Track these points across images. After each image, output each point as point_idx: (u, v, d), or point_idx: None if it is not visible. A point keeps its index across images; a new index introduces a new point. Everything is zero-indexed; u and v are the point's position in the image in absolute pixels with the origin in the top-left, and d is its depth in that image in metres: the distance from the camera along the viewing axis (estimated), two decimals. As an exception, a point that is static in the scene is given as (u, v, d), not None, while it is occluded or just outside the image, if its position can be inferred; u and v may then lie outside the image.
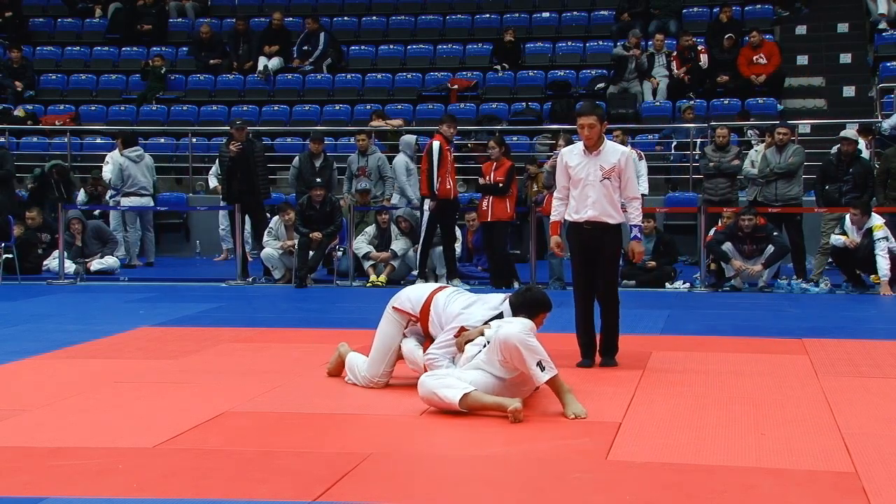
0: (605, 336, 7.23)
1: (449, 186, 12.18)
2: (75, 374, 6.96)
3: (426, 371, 6.00)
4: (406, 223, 12.90)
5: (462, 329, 6.04)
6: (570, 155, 7.23)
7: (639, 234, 7.36)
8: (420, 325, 6.27)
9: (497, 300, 6.26)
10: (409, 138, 14.24)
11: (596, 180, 7.07)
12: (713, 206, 13.11)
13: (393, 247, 12.75)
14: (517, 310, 6.08)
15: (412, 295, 6.35)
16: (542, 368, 5.55)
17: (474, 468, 4.73)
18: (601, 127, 7.12)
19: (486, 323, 6.00)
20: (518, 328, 5.65)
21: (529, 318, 5.91)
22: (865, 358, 7.49)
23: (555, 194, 7.43)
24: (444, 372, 5.87)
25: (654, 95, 18.16)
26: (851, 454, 4.86)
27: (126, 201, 15.10)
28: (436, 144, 12.09)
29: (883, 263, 11.37)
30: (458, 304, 6.21)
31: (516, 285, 12.01)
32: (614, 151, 7.18)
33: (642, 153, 14.80)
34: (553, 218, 7.38)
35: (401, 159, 13.89)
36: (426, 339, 6.29)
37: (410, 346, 6.31)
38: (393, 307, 6.36)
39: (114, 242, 14.48)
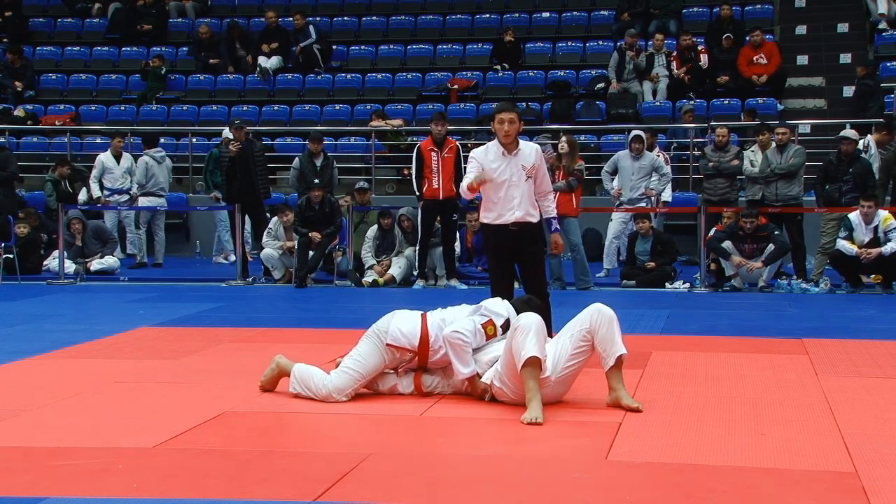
0: None
1: (437, 187, 12.17)
2: (75, 374, 6.96)
3: (453, 346, 5.91)
4: (409, 222, 12.92)
5: (491, 321, 5.99)
6: (485, 156, 7.04)
7: (558, 227, 7.46)
8: (417, 360, 6.05)
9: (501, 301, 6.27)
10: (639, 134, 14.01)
11: (521, 180, 7.03)
12: (713, 206, 13.11)
13: (391, 271, 12.75)
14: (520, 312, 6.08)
15: (404, 328, 5.97)
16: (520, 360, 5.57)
17: (474, 468, 4.73)
18: (519, 125, 7.07)
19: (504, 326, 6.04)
20: (536, 318, 5.68)
21: None
22: (865, 358, 7.49)
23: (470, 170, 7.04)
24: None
25: (654, 94, 18.17)
26: (851, 454, 4.86)
27: (144, 200, 15.15)
28: (419, 146, 12.32)
29: None
30: (463, 308, 6.18)
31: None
32: (530, 150, 7.14)
33: (667, 157, 14.81)
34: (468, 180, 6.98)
35: None
36: (418, 372, 6.13)
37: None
38: (387, 344, 5.95)
39: (114, 242, 14.49)
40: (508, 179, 7.02)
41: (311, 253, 12.71)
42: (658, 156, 14.21)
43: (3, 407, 5.92)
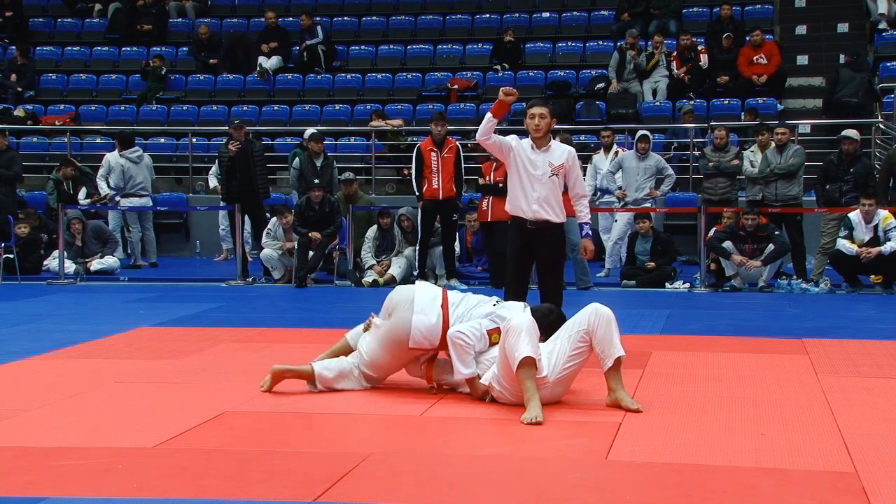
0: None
1: (436, 187, 12.18)
2: (75, 374, 6.95)
3: (455, 346, 5.91)
4: (408, 222, 12.93)
5: (498, 329, 5.93)
6: (520, 143, 7.15)
7: (590, 232, 7.44)
8: (441, 354, 6.15)
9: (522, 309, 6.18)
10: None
11: (545, 176, 7.09)
12: (713, 206, 13.11)
13: (391, 271, 12.75)
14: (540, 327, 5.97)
15: (424, 329, 5.99)
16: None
17: (474, 468, 4.73)
18: (550, 122, 7.13)
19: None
20: (527, 317, 5.69)
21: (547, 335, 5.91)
22: (865, 358, 7.49)
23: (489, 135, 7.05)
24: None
25: (654, 94, 18.16)
26: (851, 454, 4.86)
27: (126, 202, 15.12)
28: (419, 147, 12.35)
29: None
30: (484, 304, 6.12)
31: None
32: (561, 150, 7.20)
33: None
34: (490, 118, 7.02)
35: None
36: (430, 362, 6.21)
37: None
38: (410, 349, 6.05)
39: (114, 242, 14.49)
40: (533, 173, 7.07)
41: (310, 253, 12.71)
42: (616, 153, 14.25)
43: (3, 407, 5.92)
